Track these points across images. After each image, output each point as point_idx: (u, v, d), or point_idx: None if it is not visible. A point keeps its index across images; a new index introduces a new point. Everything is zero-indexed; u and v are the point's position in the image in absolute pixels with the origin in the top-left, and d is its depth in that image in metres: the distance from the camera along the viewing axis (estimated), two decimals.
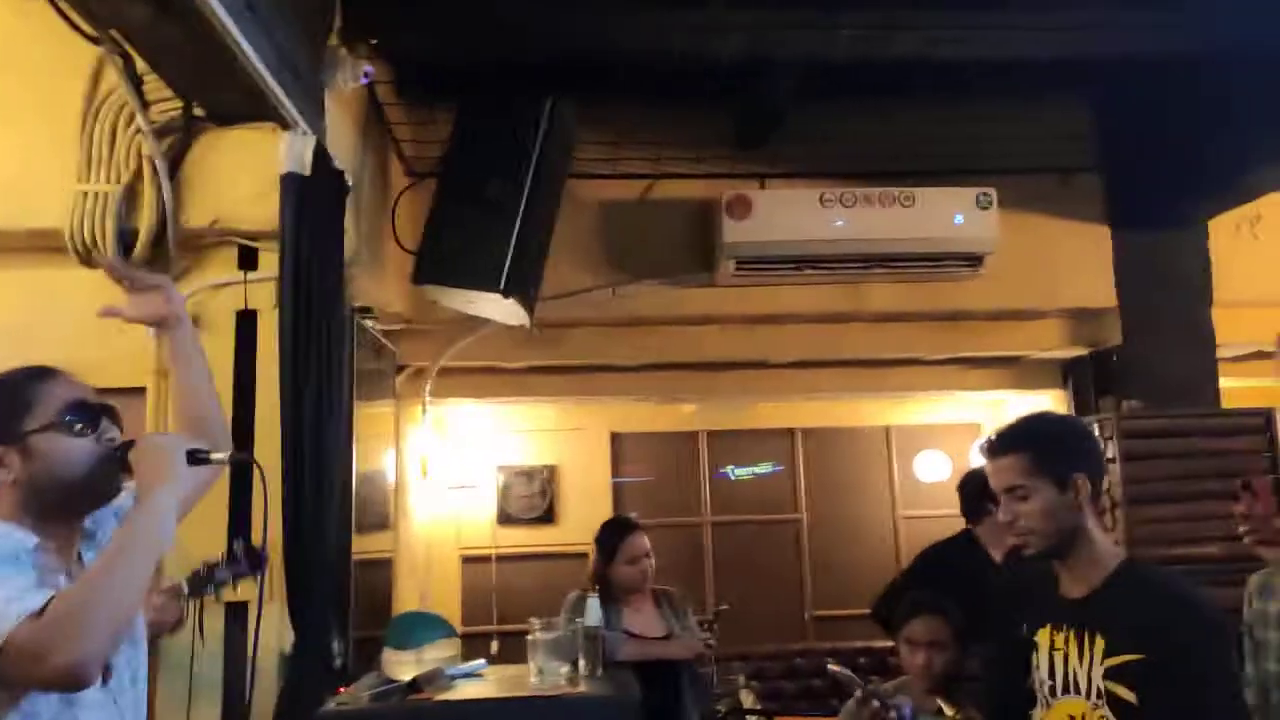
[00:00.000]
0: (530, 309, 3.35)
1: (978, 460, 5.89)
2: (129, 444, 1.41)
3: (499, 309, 3.33)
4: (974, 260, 3.82)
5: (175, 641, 2.35)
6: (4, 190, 2.63)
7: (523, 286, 3.20)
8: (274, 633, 2.49)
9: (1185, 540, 3.83)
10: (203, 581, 2.19)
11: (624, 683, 2.29)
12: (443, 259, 3.16)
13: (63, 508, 1.39)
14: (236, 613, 2.45)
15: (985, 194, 3.74)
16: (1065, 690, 1.61)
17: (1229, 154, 3.48)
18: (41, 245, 2.67)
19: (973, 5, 2.93)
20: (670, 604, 3.17)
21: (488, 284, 3.08)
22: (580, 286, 3.96)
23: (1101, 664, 1.55)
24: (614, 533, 3.15)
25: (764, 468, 6.40)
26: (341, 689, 2.29)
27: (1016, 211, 3.90)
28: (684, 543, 6.22)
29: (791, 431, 6.38)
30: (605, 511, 5.94)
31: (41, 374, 1.44)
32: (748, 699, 4.75)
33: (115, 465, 1.40)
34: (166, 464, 1.37)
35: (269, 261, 2.67)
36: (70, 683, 1.21)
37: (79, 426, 1.39)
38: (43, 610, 1.18)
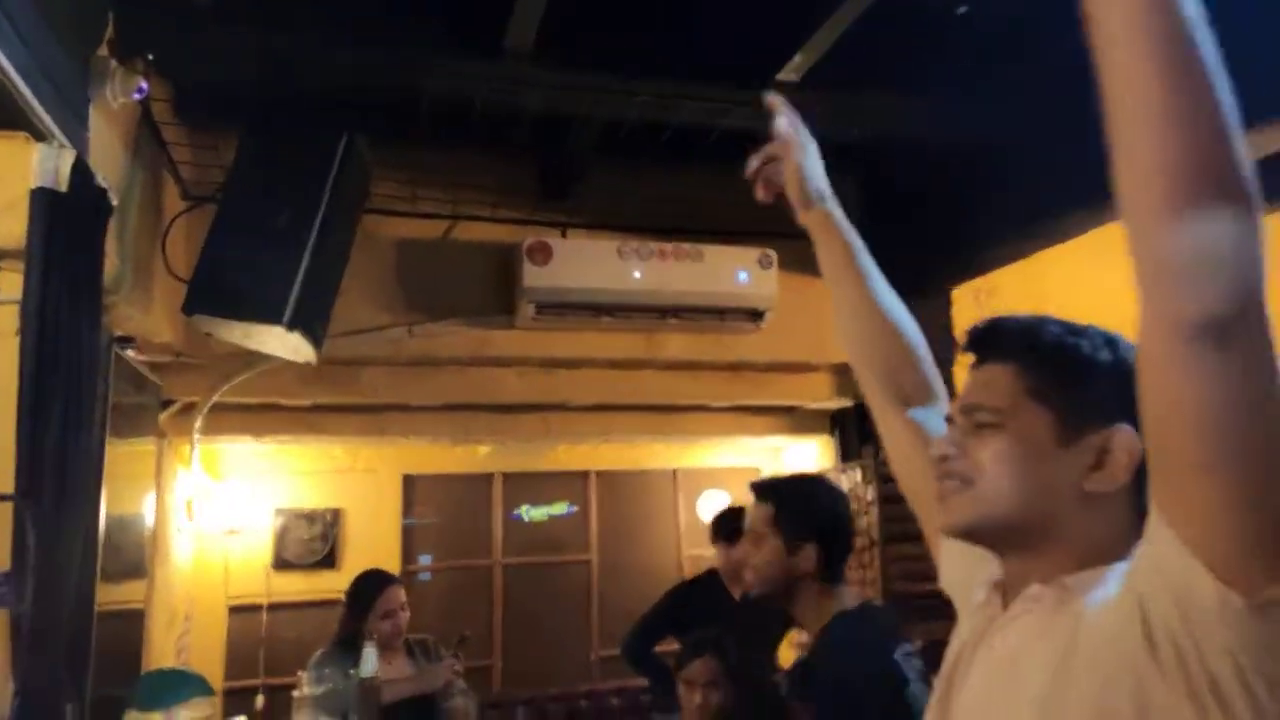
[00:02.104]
0: (318, 344, 3.22)
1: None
2: None
3: (282, 344, 3.19)
4: (756, 315, 4.07)
5: None
6: None
7: (309, 321, 3.07)
8: None
9: (933, 576, 4.21)
10: None
11: None
12: (220, 289, 2.98)
13: None
14: None
15: (767, 255, 4.02)
16: None
17: (967, 230, 3.95)
18: None
19: (750, 84, 3.17)
20: (425, 653, 3.12)
21: (270, 317, 2.94)
22: (375, 324, 3.86)
23: None
24: (370, 586, 3.07)
25: (559, 508, 6.43)
26: None
27: (793, 272, 4.20)
28: (474, 585, 6.12)
29: (586, 474, 6.45)
30: (392, 555, 5.75)
31: None
32: None
33: None
34: None
35: (12, 282, 2.42)
36: None
37: None
38: None
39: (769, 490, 1.86)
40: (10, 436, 2.20)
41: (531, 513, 6.37)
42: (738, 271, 3.97)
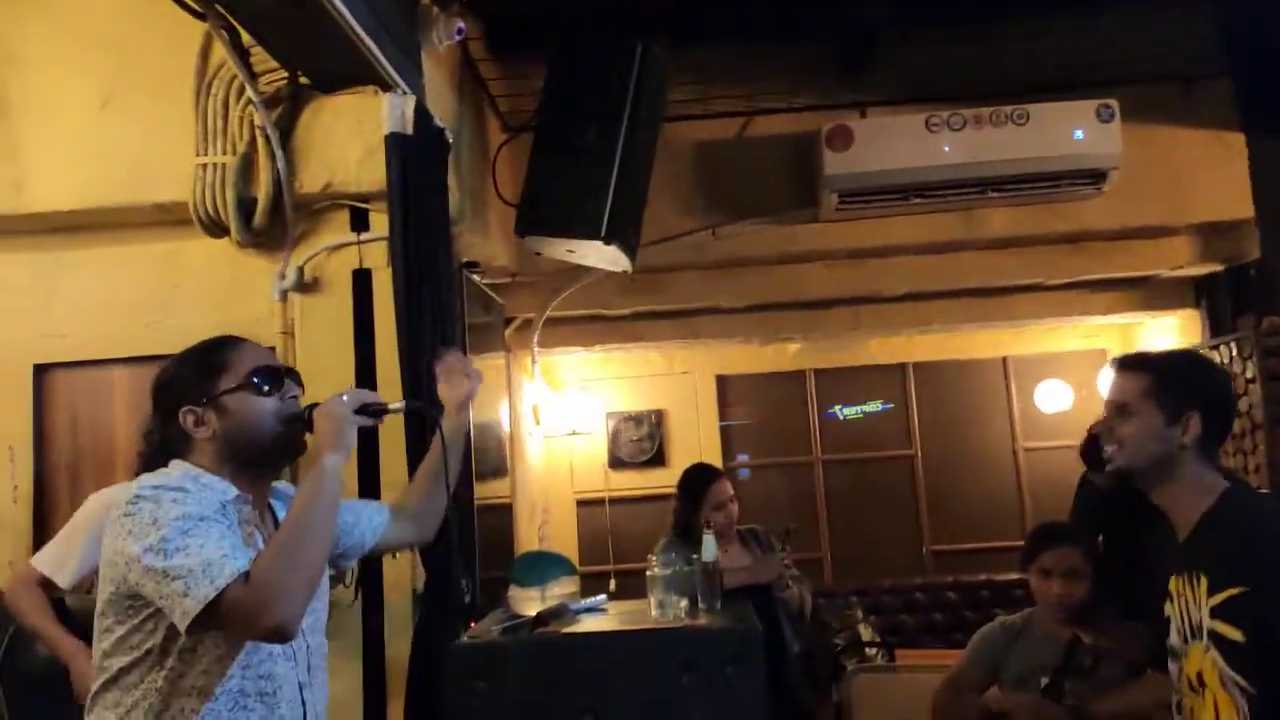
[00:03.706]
0: (632, 254, 3.36)
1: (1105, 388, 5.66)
2: (313, 406, 1.54)
3: (601, 256, 3.35)
4: (1097, 177, 3.61)
5: None
6: (128, 167, 2.79)
7: (623, 232, 3.20)
8: (407, 574, 2.64)
9: None
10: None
11: (742, 615, 2.32)
12: (543, 210, 3.19)
13: (254, 463, 1.54)
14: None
15: (1106, 106, 3.52)
16: (1193, 636, 1.54)
17: None
18: (167, 219, 2.82)
19: None
20: (757, 541, 3.23)
21: (589, 232, 3.10)
22: (680, 230, 3.94)
23: (1206, 603, 1.48)
24: (698, 480, 3.22)
25: (873, 406, 6.30)
26: (472, 624, 2.40)
27: (1140, 123, 3.66)
28: (795, 483, 6.22)
29: (903, 366, 6.24)
30: (714, 453, 5.99)
31: (231, 341, 1.58)
32: (866, 632, 4.75)
33: (298, 425, 1.53)
34: (337, 431, 1.49)
35: (379, 222, 2.76)
36: (275, 639, 1.39)
37: (265, 387, 1.53)
38: (248, 574, 1.32)
39: (1140, 362, 1.67)
40: (393, 357, 2.54)
41: (846, 411, 6.31)
42: (1072, 129, 3.52)
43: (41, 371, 2.91)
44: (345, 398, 1.54)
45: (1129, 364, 1.67)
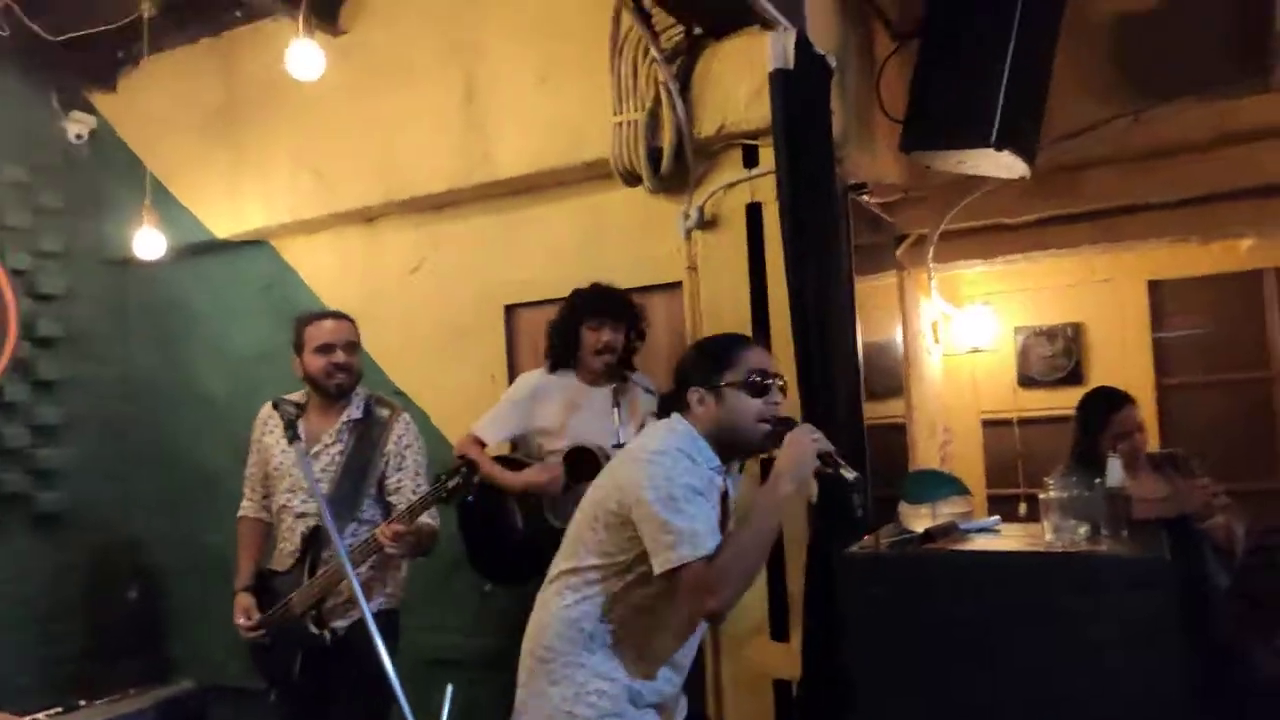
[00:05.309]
0: (1030, 158, 3.14)
1: None
2: (790, 422, 1.80)
3: (995, 164, 3.18)
4: None
5: None
6: (564, 133, 3.25)
7: (1017, 136, 3.00)
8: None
9: None
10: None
11: (1150, 544, 2.16)
12: (929, 122, 3.10)
13: (727, 449, 1.82)
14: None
15: None
16: None
17: None
18: (593, 174, 3.26)
19: None
20: (1174, 466, 2.90)
21: (977, 140, 2.95)
22: (1092, 120, 3.54)
23: None
24: (1100, 406, 2.99)
25: None
26: (865, 537, 2.53)
27: None
28: (1243, 401, 5.35)
29: None
30: (1143, 370, 5.41)
31: (742, 342, 1.90)
32: None
33: (771, 432, 1.80)
34: (801, 463, 1.74)
35: (769, 156, 2.91)
36: (713, 619, 1.70)
37: (757, 389, 1.81)
38: (712, 557, 1.62)
39: None
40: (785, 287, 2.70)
41: None
42: None
43: (510, 311, 3.57)
44: (816, 437, 1.76)
45: None
